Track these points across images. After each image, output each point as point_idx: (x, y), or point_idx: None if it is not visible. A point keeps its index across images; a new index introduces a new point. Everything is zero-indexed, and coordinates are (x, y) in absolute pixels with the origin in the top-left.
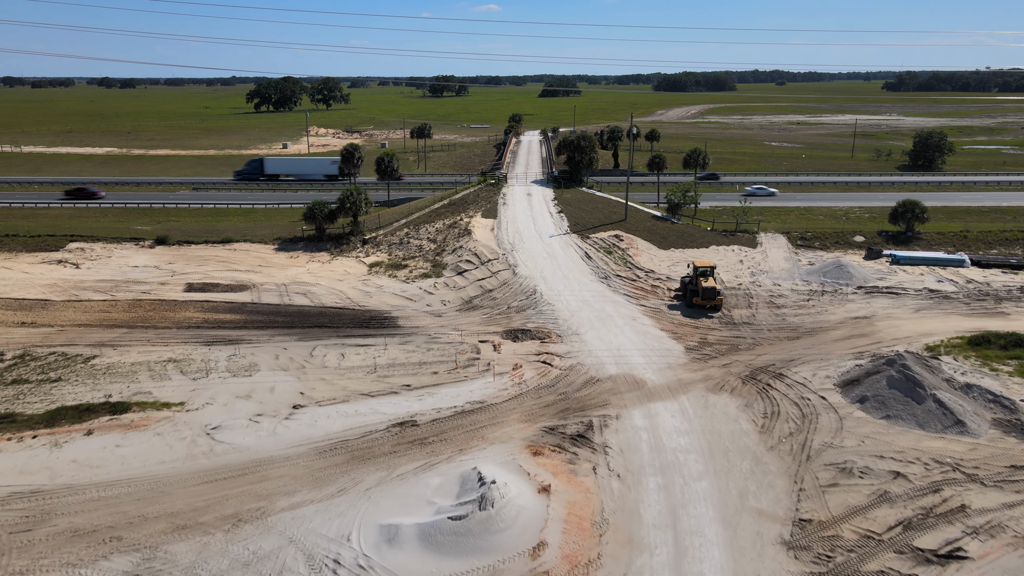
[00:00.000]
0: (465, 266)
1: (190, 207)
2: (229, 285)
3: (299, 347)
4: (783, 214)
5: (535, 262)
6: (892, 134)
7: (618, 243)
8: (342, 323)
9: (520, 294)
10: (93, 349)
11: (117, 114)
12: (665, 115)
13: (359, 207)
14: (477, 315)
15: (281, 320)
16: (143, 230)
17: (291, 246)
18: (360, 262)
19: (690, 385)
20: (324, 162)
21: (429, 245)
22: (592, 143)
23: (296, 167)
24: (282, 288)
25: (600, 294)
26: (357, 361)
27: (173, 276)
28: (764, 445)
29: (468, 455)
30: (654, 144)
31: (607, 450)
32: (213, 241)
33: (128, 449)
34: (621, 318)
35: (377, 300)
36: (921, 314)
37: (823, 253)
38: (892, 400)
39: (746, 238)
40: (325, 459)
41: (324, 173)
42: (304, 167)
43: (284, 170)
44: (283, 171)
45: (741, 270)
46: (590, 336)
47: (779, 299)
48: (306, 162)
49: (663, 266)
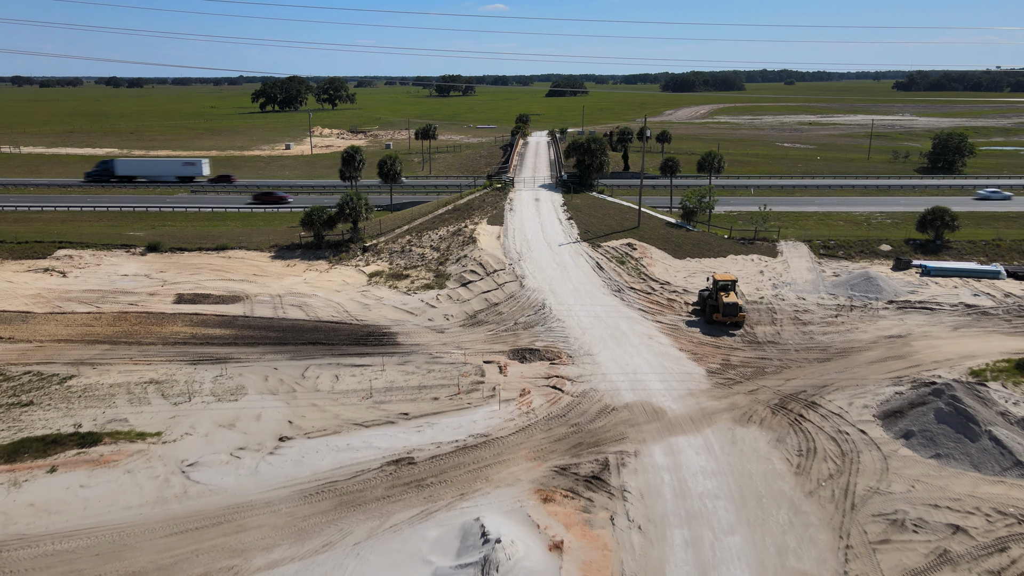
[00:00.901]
0: (470, 277)
1: (187, 211)
2: (221, 296)
3: (291, 367)
4: (801, 219)
5: (544, 273)
6: (906, 135)
7: (631, 252)
8: (338, 340)
9: (528, 308)
10: (71, 368)
11: (122, 114)
12: (674, 115)
13: (359, 213)
14: (482, 331)
15: (273, 336)
16: (136, 236)
17: (288, 254)
18: (359, 271)
19: (715, 416)
20: (176, 163)
21: (432, 254)
22: (603, 145)
23: (148, 168)
24: (276, 300)
25: (613, 309)
26: (352, 384)
27: (163, 286)
28: (802, 490)
29: (470, 501)
30: (665, 146)
31: (626, 495)
32: (207, 248)
33: (93, 490)
34: (636, 336)
35: (376, 314)
36: (960, 333)
37: (848, 263)
38: (942, 437)
39: (765, 247)
40: (310, 504)
41: (176, 175)
42: (156, 168)
43: (136, 171)
44: (135, 172)
45: (762, 282)
46: (604, 357)
47: (805, 314)
48: (158, 163)
49: (679, 277)
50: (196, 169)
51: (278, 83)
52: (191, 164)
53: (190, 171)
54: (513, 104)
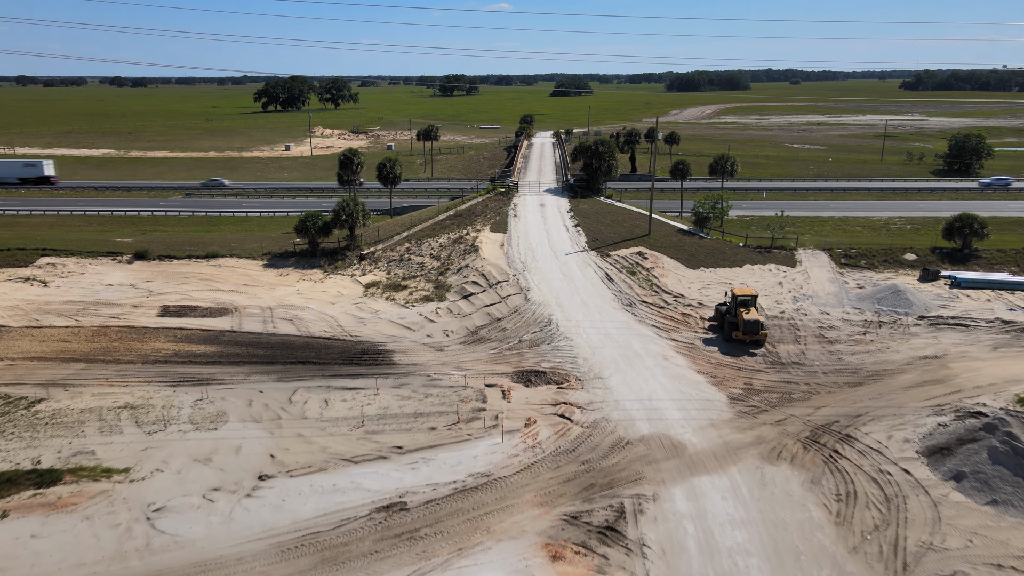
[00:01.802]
0: (471, 289)
1: (180, 215)
2: (208, 308)
3: (277, 390)
4: (817, 225)
5: (550, 285)
6: (917, 135)
7: (642, 262)
8: (330, 358)
9: (533, 324)
10: (41, 390)
11: (123, 114)
12: (680, 115)
13: (356, 219)
14: (484, 349)
15: (261, 354)
16: (123, 243)
17: (281, 262)
18: (356, 281)
19: (740, 451)
20: (16, 164)
21: (432, 263)
22: (611, 148)
23: None
24: (267, 312)
25: (625, 325)
26: (343, 410)
27: (148, 297)
28: (844, 544)
29: (469, 558)
30: (673, 147)
31: (645, 550)
32: (197, 256)
33: (45, 542)
34: (651, 356)
35: (371, 329)
36: (1000, 353)
37: (872, 274)
38: (998, 480)
39: (783, 255)
40: (288, 562)
41: (18, 176)
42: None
43: None
44: None
45: (782, 294)
46: (616, 381)
47: (830, 331)
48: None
49: (693, 289)
50: (37, 171)
51: (280, 83)
52: (32, 166)
53: (31, 172)
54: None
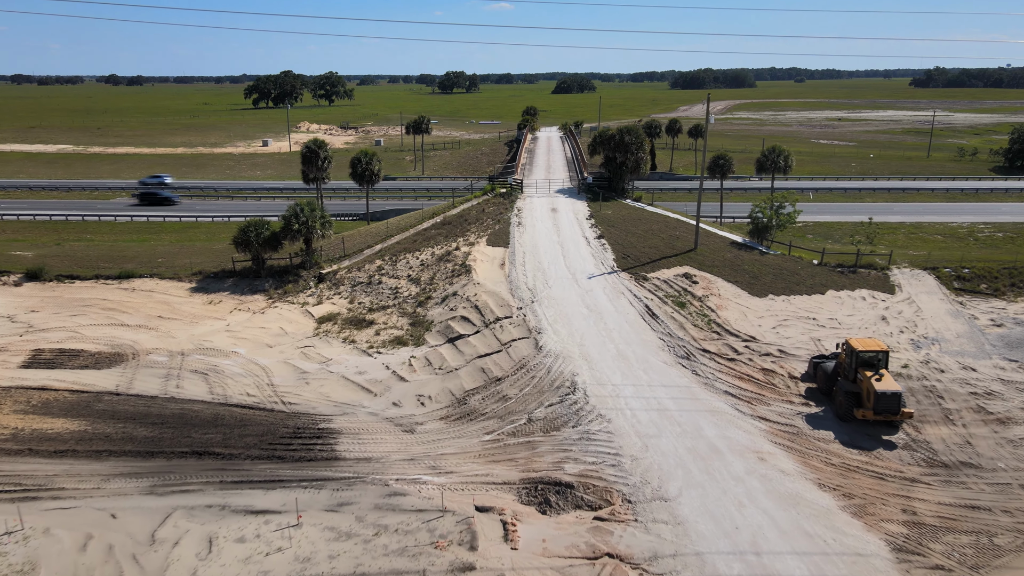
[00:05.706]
0: (460, 328)
1: (116, 220)
2: (96, 354)
3: (141, 512)
4: (887, 233)
5: (570, 325)
6: (948, 131)
7: (691, 288)
8: (242, 445)
9: (549, 390)
10: None
11: (105, 110)
12: (690, 111)
13: (312, 228)
14: (475, 432)
15: (142, 437)
16: (20, 257)
17: (215, 284)
18: (306, 313)
19: None
20: None
21: (409, 288)
22: (640, 138)
23: None
24: (175, 361)
25: (686, 392)
26: (232, 564)
27: (24, 335)
28: None
29: None
30: (697, 141)
31: None
32: (107, 276)
33: None
34: (737, 454)
35: (315, 391)
36: None
37: (1001, 303)
38: None
39: (874, 277)
40: None
41: None
42: None
43: None
44: None
45: (891, 335)
46: (691, 508)
47: (992, 401)
48: None
49: (766, 327)
50: None
51: (272, 79)
52: None
53: None
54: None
